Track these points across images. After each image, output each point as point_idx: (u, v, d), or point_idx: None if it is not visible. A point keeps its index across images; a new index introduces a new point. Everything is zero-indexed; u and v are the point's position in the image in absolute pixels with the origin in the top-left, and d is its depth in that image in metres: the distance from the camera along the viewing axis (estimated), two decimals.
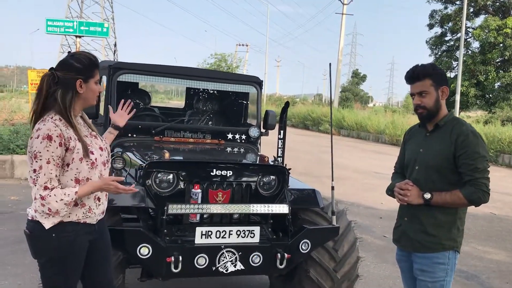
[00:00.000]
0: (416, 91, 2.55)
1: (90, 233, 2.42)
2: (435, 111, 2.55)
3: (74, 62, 2.30)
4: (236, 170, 3.31)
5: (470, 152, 2.41)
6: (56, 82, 2.27)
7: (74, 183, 2.30)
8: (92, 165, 2.35)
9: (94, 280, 2.56)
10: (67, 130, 2.27)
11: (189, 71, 4.42)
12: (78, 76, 2.29)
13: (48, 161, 2.19)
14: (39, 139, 2.19)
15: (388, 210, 7.55)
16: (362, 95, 48.88)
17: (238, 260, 3.07)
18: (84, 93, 2.34)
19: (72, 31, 23.64)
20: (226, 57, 37.42)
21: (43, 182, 2.19)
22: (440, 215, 2.51)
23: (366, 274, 4.74)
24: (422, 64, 2.60)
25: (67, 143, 2.25)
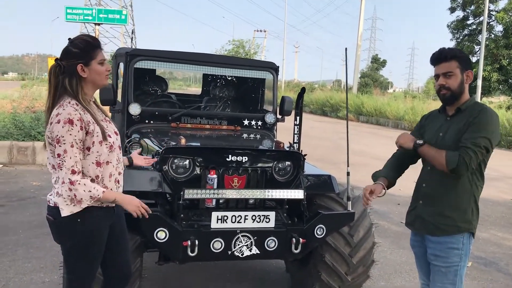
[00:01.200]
0: (441, 71, 2.51)
1: (110, 217, 2.48)
2: (458, 94, 2.52)
3: (72, 48, 2.32)
4: (252, 156, 3.33)
5: (480, 125, 2.38)
6: (63, 71, 2.31)
7: (96, 166, 2.34)
8: (110, 148, 2.39)
9: (113, 264, 2.62)
10: (85, 114, 2.30)
11: (205, 57, 4.43)
12: (78, 61, 2.30)
13: (72, 145, 2.22)
14: (60, 124, 2.21)
15: (406, 196, 7.46)
16: (381, 81, 48.20)
17: (253, 245, 3.10)
18: (89, 76, 2.34)
19: (91, 18, 23.82)
20: (244, 44, 37.24)
21: (70, 165, 2.22)
22: (455, 197, 2.49)
23: (383, 259, 4.75)
24: (450, 48, 2.58)
25: (87, 126, 2.28)
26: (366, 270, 3.53)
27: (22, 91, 17.51)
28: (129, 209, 2.43)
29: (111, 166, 2.42)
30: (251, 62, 5.02)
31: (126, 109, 4.04)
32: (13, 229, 5.15)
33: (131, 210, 2.42)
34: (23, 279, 3.90)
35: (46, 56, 28.99)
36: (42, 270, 4.08)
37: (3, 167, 8.42)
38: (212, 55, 4.79)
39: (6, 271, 4.04)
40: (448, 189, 2.50)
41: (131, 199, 2.44)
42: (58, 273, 3.80)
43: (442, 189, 2.52)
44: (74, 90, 2.31)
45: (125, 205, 2.42)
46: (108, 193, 2.34)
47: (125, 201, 2.43)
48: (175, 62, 4.31)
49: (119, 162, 2.50)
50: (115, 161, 2.45)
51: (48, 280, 3.89)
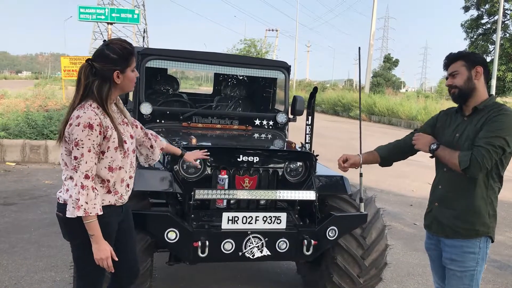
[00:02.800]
0: (448, 73, 2.56)
1: (119, 215, 2.48)
2: (466, 91, 2.49)
3: (110, 53, 2.29)
4: (263, 156, 3.29)
5: (494, 125, 2.33)
6: (94, 73, 2.28)
7: (108, 171, 2.34)
8: (124, 154, 2.40)
9: (121, 261, 2.61)
10: (105, 118, 2.30)
11: (216, 56, 4.41)
12: (115, 68, 2.29)
13: (89, 150, 2.23)
14: (80, 127, 2.21)
15: (419, 198, 7.42)
16: (394, 80, 47.81)
17: (264, 246, 3.07)
18: (121, 83, 2.35)
19: (103, 18, 23.97)
20: (256, 43, 37.20)
21: (85, 170, 2.22)
22: (472, 200, 2.43)
23: (395, 262, 4.69)
24: (459, 51, 2.60)
25: (105, 131, 2.28)
26: (378, 272, 3.48)
27: (36, 90, 17.70)
28: (95, 255, 2.30)
29: (124, 172, 2.42)
30: (263, 61, 4.99)
31: (137, 109, 4.04)
32: (25, 227, 5.18)
33: (96, 258, 2.31)
34: (34, 278, 3.91)
35: (59, 55, 29.30)
36: (53, 269, 4.09)
37: (16, 165, 8.48)
38: (223, 54, 4.76)
39: (18, 270, 4.05)
40: (465, 191, 2.44)
41: (104, 249, 2.31)
42: (69, 272, 3.80)
43: (458, 191, 2.47)
44: (104, 95, 2.30)
45: (95, 249, 2.30)
46: (94, 224, 2.26)
47: (98, 245, 2.29)
48: (186, 61, 4.30)
49: (131, 166, 2.50)
50: (128, 167, 2.45)
51: (59, 279, 3.90)
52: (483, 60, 2.55)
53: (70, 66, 15.56)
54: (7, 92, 17.61)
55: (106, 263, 2.33)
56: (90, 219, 2.24)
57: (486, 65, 2.53)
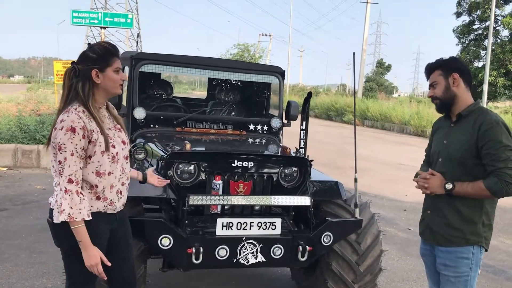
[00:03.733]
0: (429, 84, 2.59)
1: (111, 222, 2.43)
2: (447, 100, 2.51)
3: (90, 53, 2.30)
4: (258, 161, 3.28)
5: (493, 141, 2.32)
6: (77, 75, 2.28)
7: (95, 175, 2.30)
8: (113, 159, 2.35)
9: (116, 270, 2.56)
10: (90, 122, 2.27)
11: (210, 61, 4.40)
12: (93, 66, 2.28)
13: (72, 153, 2.20)
14: (63, 131, 2.20)
15: (413, 203, 7.43)
16: (386, 85, 48.04)
17: (259, 252, 3.05)
18: (102, 83, 2.31)
19: (97, 22, 23.90)
20: (249, 47, 37.24)
21: (68, 174, 2.20)
22: (463, 208, 2.44)
23: (390, 267, 4.68)
24: (438, 58, 2.60)
25: (90, 135, 2.25)
26: (373, 278, 3.46)
27: (28, 94, 17.58)
28: (85, 262, 2.27)
29: (113, 177, 2.38)
30: (257, 66, 4.98)
31: (131, 113, 4.01)
32: (17, 233, 5.12)
33: (86, 265, 2.27)
34: (25, 285, 3.86)
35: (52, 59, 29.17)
36: (45, 276, 4.04)
37: (8, 170, 8.41)
38: (217, 59, 4.75)
39: (9, 276, 4.00)
40: (456, 199, 2.44)
41: (94, 254, 2.27)
42: (61, 279, 3.75)
43: (450, 200, 2.46)
44: (86, 95, 2.28)
45: (84, 255, 2.26)
46: (81, 230, 2.22)
47: (87, 252, 2.26)
48: (180, 66, 4.28)
49: (123, 172, 2.45)
50: (118, 172, 2.41)
51: (51, 286, 3.85)
52: (460, 65, 2.55)
53: (63, 70, 15.48)
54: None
55: (97, 270, 2.29)
56: (76, 224, 2.20)
57: (463, 70, 2.52)
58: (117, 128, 2.47)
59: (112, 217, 2.43)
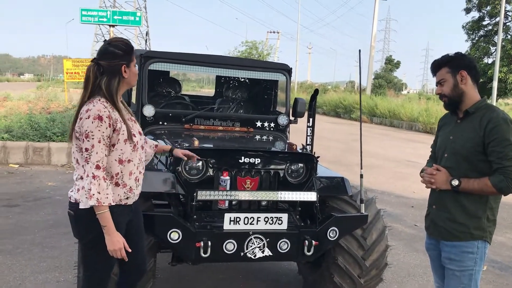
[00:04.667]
0: (436, 81, 2.59)
1: (128, 214, 2.54)
2: (455, 97, 2.53)
3: (115, 49, 2.41)
4: (264, 157, 3.33)
5: (500, 139, 2.35)
6: (102, 72, 2.38)
7: (118, 163, 2.41)
8: (134, 148, 2.47)
9: (130, 257, 2.64)
10: (114, 112, 2.39)
11: (218, 59, 4.45)
12: (122, 62, 2.41)
13: (99, 140, 2.30)
14: (90, 119, 2.29)
15: (420, 199, 7.45)
16: (395, 82, 47.88)
17: (266, 246, 3.10)
18: (128, 77, 2.46)
19: (105, 20, 24.03)
20: (257, 45, 37.27)
21: (95, 160, 2.30)
22: (468, 203, 2.47)
23: (396, 262, 4.72)
24: (444, 55, 2.60)
25: (115, 124, 2.37)
26: (379, 273, 3.51)
27: (38, 92, 17.74)
28: (109, 246, 2.36)
29: (132, 165, 2.49)
30: (264, 63, 5.02)
31: (140, 111, 4.08)
32: (29, 228, 5.22)
33: (109, 249, 2.36)
34: (38, 278, 3.95)
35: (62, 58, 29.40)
36: (57, 270, 4.13)
37: (19, 167, 8.53)
38: (225, 57, 4.80)
39: (22, 270, 4.09)
40: (461, 195, 2.48)
41: (117, 240, 2.37)
42: (72, 273, 3.84)
43: (455, 195, 2.50)
44: (114, 89, 2.40)
45: (108, 240, 2.35)
46: (107, 215, 2.31)
47: (111, 237, 2.35)
48: (188, 64, 4.33)
49: (140, 161, 2.57)
50: (137, 160, 2.52)
51: (63, 280, 3.93)
52: (468, 62, 2.55)
53: (73, 69, 15.61)
54: (10, 94, 17.70)
55: (120, 254, 2.38)
56: (102, 209, 2.29)
57: (471, 67, 2.53)
58: (132, 119, 2.59)
59: (129, 208, 2.54)
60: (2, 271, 4.07)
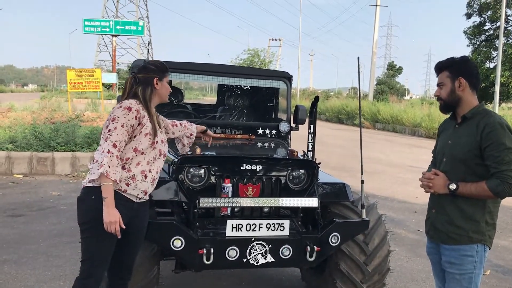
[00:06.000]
0: (437, 82, 2.64)
1: (127, 209, 2.65)
2: (451, 102, 2.57)
3: (151, 66, 2.82)
4: (266, 164, 3.36)
5: (496, 143, 2.38)
6: (138, 83, 2.77)
7: (132, 150, 2.66)
8: (151, 144, 2.72)
9: (118, 258, 2.76)
10: (144, 111, 2.71)
11: (220, 68, 4.50)
12: (155, 75, 2.80)
13: (123, 125, 2.60)
14: (120, 108, 2.63)
15: (423, 204, 7.44)
16: (398, 88, 47.89)
17: (268, 253, 3.13)
18: (159, 89, 2.82)
19: (108, 30, 24.18)
20: (259, 52, 37.44)
21: (114, 140, 2.56)
22: (466, 207, 2.50)
23: (399, 268, 4.73)
24: (449, 57, 2.63)
25: (142, 118, 2.68)
26: (381, 278, 3.52)
27: (42, 103, 17.86)
28: (105, 218, 2.51)
29: (143, 158, 2.71)
30: (265, 72, 5.07)
31: None
32: (34, 238, 5.26)
33: (105, 221, 2.51)
34: (43, 287, 3.98)
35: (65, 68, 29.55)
36: (62, 278, 4.16)
37: (24, 177, 8.59)
38: (226, 65, 4.85)
39: (27, 279, 4.13)
40: (459, 198, 2.50)
41: (113, 214, 2.52)
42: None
43: (453, 199, 2.52)
44: (147, 97, 2.76)
45: (105, 212, 2.51)
46: (110, 188, 2.52)
47: (109, 209, 2.51)
48: (191, 73, 4.38)
49: (154, 161, 2.77)
50: (151, 157, 2.74)
51: None
52: (469, 69, 2.57)
53: (76, 79, 15.73)
54: (14, 105, 17.82)
55: (114, 228, 2.51)
56: (107, 181, 2.50)
57: (471, 75, 2.55)
58: (161, 130, 2.91)
59: (129, 203, 2.66)
60: (7, 280, 4.10)
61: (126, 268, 2.84)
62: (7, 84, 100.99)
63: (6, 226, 5.67)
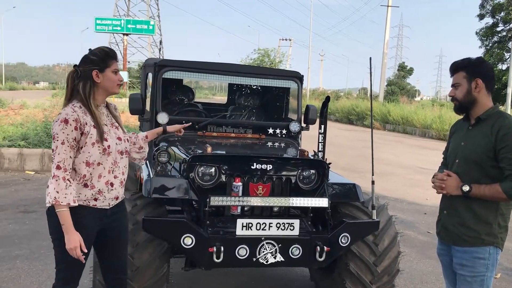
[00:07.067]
0: (452, 83, 2.60)
1: (100, 218, 2.56)
2: (466, 103, 2.55)
3: (90, 56, 2.53)
4: (276, 164, 3.37)
5: (511, 146, 2.36)
6: (79, 77, 2.51)
7: (85, 165, 2.47)
8: (104, 151, 2.51)
9: (108, 262, 2.75)
10: (85, 116, 2.47)
11: (230, 67, 4.51)
12: (94, 67, 2.50)
13: (63, 142, 2.39)
14: (57, 122, 2.41)
15: (433, 206, 7.40)
16: (408, 89, 47.61)
17: (278, 252, 3.13)
18: (101, 82, 2.53)
19: (119, 29, 24.28)
20: (269, 52, 37.37)
21: (57, 161, 2.39)
22: (479, 209, 2.48)
23: (409, 269, 4.71)
24: (465, 58, 2.60)
25: (83, 127, 2.44)
26: (391, 279, 3.51)
27: (53, 100, 17.97)
28: (66, 245, 2.42)
29: (102, 168, 2.53)
30: (276, 71, 5.08)
31: (154, 118, 4.14)
32: (45, 234, 5.23)
33: (67, 247, 2.42)
34: None
35: None
36: None
37: (35, 174, 8.67)
38: (237, 65, 4.86)
39: (39, 275, 4.17)
40: (472, 200, 2.49)
41: (74, 239, 2.41)
42: (88, 277, 3.89)
43: (465, 200, 2.51)
44: (87, 93, 2.50)
45: (66, 239, 2.41)
46: (64, 214, 2.38)
47: (68, 235, 2.41)
48: (201, 72, 4.40)
49: (115, 165, 2.59)
50: (110, 164, 2.56)
51: (79, 284, 3.99)
52: (486, 71, 2.55)
53: None
54: (26, 102, 17.98)
55: (75, 253, 2.43)
56: (60, 208, 2.36)
57: (488, 77, 2.53)
58: (114, 125, 2.66)
59: (102, 212, 2.57)
60: (20, 275, 4.15)
61: (119, 269, 2.77)
62: (19, 81, 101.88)
63: (18, 222, 5.74)
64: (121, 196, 2.69)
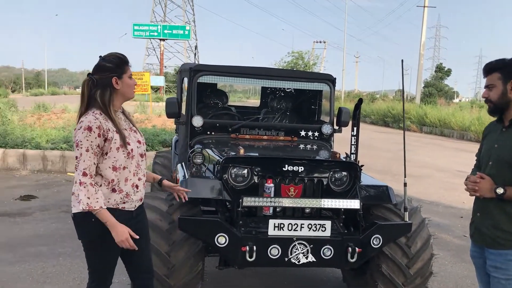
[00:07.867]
0: (485, 84, 2.58)
1: (127, 220, 2.61)
2: (501, 105, 2.53)
3: (106, 63, 2.57)
4: (308, 166, 3.42)
5: None
6: (95, 85, 2.55)
7: (112, 170, 2.53)
8: (128, 155, 2.57)
9: (134, 264, 2.82)
10: (107, 122, 2.51)
11: (263, 71, 4.59)
12: (113, 74, 2.55)
13: (87, 149, 2.44)
14: (80, 130, 2.45)
15: (469, 210, 7.17)
16: (446, 90, 46.44)
17: (309, 252, 3.18)
18: (121, 89, 2.59)
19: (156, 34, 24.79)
20: (303, 55, 37.24)
21: (82, 168, 2.43)
22: (510, 209, 2.46)
23: (443, 272, 4.66)
24: (500, 58, 2.58)
25: (106, 133, 2.48)
26: (424, 281, 3.50)
27: None
28: (116, 239, 2.47)
29: (128, 172, 2.60)
30: (309, 74, 5.12)
31: (189, 121, 4.26)
32: None
33: (117, 241, 2.47)
34: None
35: None
36: None
37: None
38: (270, 68, 4.93)
39: (81, 272, 4.36)
40: (506, 202, 2.47)
41: (122, 231, 2.47)
42: (126, 275, 4.04)
43: (499, 202, 2.49)
44: (107, 101, 2.54)
45: (114, 234, 2.46)
46: (104, 213, 2.44)
47: (115, 229, 2.46)
48: (235, 76, 4.50)
49: (138, 168, 2.67)
50: (134, 167, 2.62)
51: (117, 281, 4.14)
52: None
53: None
54: (67, 106, 18.62)
55: (128, 244, 2.50)
56: (97, 210, 2.42)
57: None
58: (133, 129, 2.72)
59: (129, 214, 2.64)
60: (63, 272, 4.35)
61: (144, 269, 2.84)
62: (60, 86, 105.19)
63: (60, 221, 5.98)
64: (143, 197, 2.77)
